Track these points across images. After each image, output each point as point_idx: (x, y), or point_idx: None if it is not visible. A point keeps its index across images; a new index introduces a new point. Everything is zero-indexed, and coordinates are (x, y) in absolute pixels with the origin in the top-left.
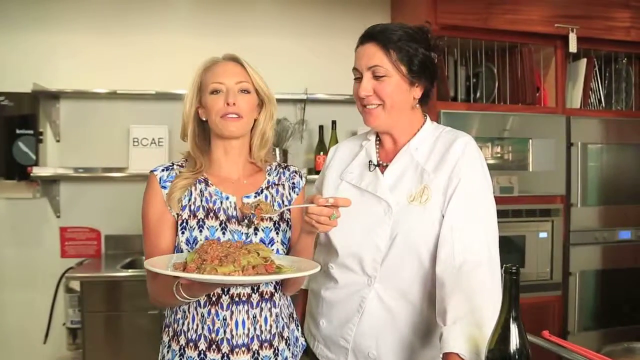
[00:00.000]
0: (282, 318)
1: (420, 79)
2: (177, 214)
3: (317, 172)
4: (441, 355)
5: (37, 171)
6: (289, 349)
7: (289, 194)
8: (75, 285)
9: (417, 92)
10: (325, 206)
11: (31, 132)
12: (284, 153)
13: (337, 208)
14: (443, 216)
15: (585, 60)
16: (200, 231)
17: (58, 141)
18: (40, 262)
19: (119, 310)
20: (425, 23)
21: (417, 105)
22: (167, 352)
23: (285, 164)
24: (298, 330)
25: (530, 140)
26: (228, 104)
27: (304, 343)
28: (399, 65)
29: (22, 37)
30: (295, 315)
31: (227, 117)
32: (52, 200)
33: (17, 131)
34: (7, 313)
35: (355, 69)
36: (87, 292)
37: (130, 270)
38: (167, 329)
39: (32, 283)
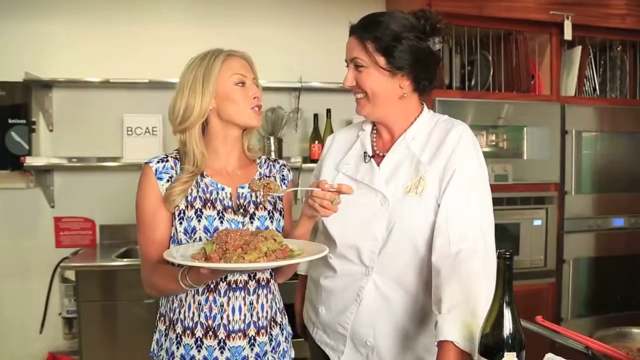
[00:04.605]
0: (276, 303)
1: (402, 68)
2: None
3: (312, 161)
4: (436, 343)
5: (30, 161)
6: (282, 334)
7: (280, 185)
8: (71, 275)
9: (404, 81)
10: (329, 191)
11: (24, 121)
12: (279, 142)
13: (339, 194)
14: (439, 205)
15: (580, 47)
16: (199, 221)
17: (51, 131)
18: (34, 252)
19: (115, 299)
20: (426, 7)
21: (414, 94)
22: (165, 340)
23: (274, 158)
24: (285, 317)
25: (525, 128)
26: (256, 97)
27: (290, 332)
28: (376, 57)
29: (14, 25)
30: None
31: (255, 109)
32: (45, 190)
33: (10, 121)
34: (2, 304)
35: (345, 61)
36: (83, 282)
37: (125, 260)
38: (162, 318)
39: (27, 273)
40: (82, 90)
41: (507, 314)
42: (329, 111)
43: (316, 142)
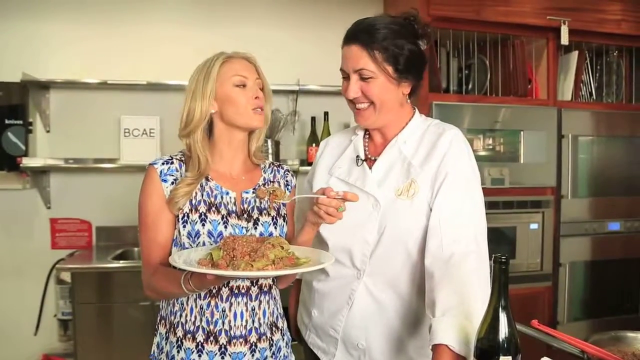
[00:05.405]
0: (277, 309)
1: (407, 76)
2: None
3: (309, 164)
4: (430, 347)
5: (26, 162)
6: (283, 339)
7: (285, 191)
8: (66, 276)
9: (406, 88)
10: (335, 198)
11: (20, 122)
12: (276, 144)
13: (344, 202)
14: (431, 209)
15: (576, 52)
16: (203, 225)
17: (48, 132)
18: (30, 253)
19: (110, 301)
20: (412, 10)
21: (408, 100)
22: (165, 343)
23: (278, 163)
24: (284, 322)
25: (522, 132)
26: (257, 98)
27: (289, 337)
28: (385, 67)
29: (12, 25)
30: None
31: (256, 111)
32: (42, 191)
33: (6, 121)
34: None
35: (342, 69)
36: (78, 284)
37: (121, 262)
38: (163, 321)
39: (23, 275)
40: (80, 92)
41: (503, 318)
42: (326, 114)
43: (313, 145)
